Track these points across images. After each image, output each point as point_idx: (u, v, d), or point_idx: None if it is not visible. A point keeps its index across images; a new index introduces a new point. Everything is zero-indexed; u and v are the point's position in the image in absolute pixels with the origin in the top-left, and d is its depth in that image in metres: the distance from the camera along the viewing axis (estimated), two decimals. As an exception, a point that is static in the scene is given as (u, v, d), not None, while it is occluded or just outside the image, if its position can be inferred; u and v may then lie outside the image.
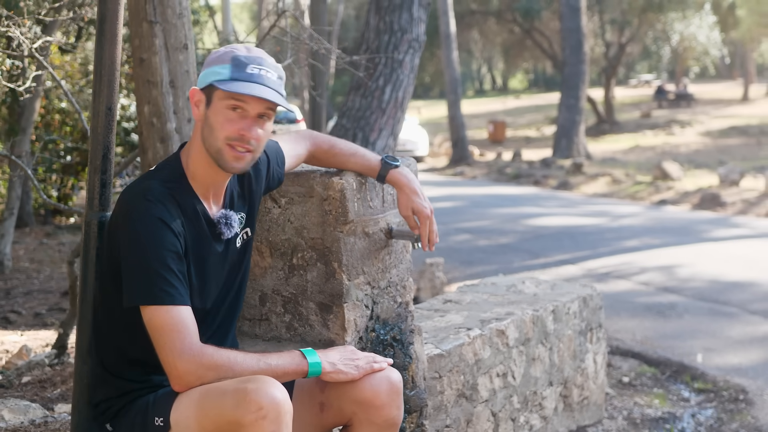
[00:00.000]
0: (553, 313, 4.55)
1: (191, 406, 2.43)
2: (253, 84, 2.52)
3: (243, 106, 2.53)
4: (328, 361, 2.57)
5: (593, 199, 18.35)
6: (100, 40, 2.95)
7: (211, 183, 2.65)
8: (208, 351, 2.42)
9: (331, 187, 3.08)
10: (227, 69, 2.54)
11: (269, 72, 2.57)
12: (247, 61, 2.55)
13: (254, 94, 2.50)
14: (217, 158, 2.57)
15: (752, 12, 36.78)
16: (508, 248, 11.97)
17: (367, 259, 3.21)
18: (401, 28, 8.67)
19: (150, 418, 2.52)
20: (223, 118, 2.54)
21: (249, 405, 2.31)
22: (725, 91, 49.54)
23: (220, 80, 2.53)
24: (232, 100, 2.53)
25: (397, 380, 2.70)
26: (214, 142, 2.56)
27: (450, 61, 26.84)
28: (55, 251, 11.06)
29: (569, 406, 4.76)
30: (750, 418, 5.35)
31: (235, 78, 2.52)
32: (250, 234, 2.83)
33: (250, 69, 2.54)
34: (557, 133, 27.25)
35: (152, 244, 2.47)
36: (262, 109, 2.55)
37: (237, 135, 2.54)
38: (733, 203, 15.99)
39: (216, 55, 2.60)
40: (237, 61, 2.54)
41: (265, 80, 2.54)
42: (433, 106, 51.18)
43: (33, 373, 5.11)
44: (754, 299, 8.45)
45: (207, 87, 2.58)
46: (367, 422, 2.67)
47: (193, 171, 2.64)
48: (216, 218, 2.66)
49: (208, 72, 2.58)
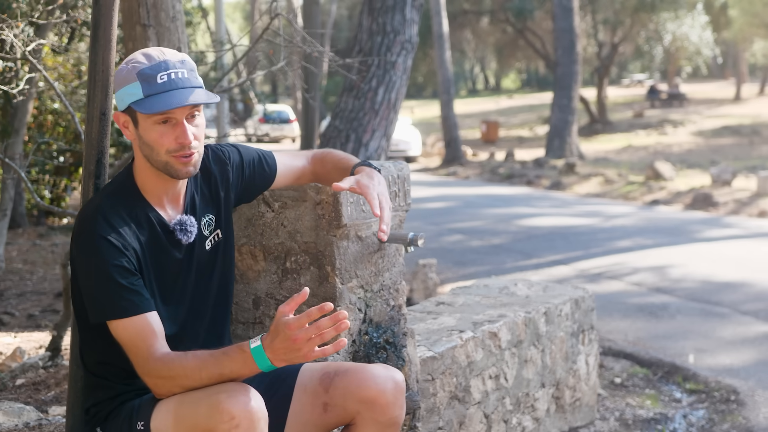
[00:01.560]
0: (545, 315, 4.57)
1: (169, 413, 2.46)
2: (168, 93, 2.48)
3: (168, 116, 2.51)
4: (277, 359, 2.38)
5: (586, 199, 18.39)
6: (95, 45, 2.96)
7: (163, 191, 2.64)
8: (165, 361, 2.44)
9: (324, 191, 3.09)
10: (138, 88, 2.50)
11: (178, 71, 2.52)
12: (153, 72, 2.49)
13: (175, 107, 2.47)
14: (167, 171, 2.56)
15: (744, 12, 36.87)
16: (501, 249, 11.99)
17: (360, 262, 3.22)
18: (394, 29, 8.69)
19: (134, 422, 2.54)
20: (157, 135, 2.52)
21: (222, 414, 2.33)
22: (717, 90, 49.66)
23: (136, 101, 2.50)
24: (158, 115, 2.50)
25: (401, 380, 2.73)
26: (157, 158, 2.54)
27: (443, 61, 26.87)
28: (48, 252, 11.05)
29: (561, 408, 4.79)
30: (741, 418, 5.37)
31: (149, 94, 2.49)
32: (221, 236, 2.80)
33: (159, 79, 2.49)
34: (550, 133, 27.31)
35: (98, 264, 2.48)
36: (189, 110, 2.53)
37: (176, 146, 2.52)
38: (725, 203, 16.04)
39: (122, 76, 2.55)
40: (143, 75, 2.49)
41: (177, 83, 2.50)
42: (426, 106, 51.24)
43: (27, 375, 5.12)
44: (746, 300, 8.48)
45: (128, 110, 2.55)
46: (371, 421, 2.68)
47: (142, 183, 2.63)
48: (171, 225, 2.65)
49: (122, 94, 2.54)
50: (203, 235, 2.74)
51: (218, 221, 2.80)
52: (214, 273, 2.79)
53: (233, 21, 61.82)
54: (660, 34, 35.98)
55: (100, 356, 2.65)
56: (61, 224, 13.62)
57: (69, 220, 13.88)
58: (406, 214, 3.49)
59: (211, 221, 2.77)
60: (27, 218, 13.47)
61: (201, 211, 2.74)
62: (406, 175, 3.43)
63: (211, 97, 2.52)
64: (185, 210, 2.70)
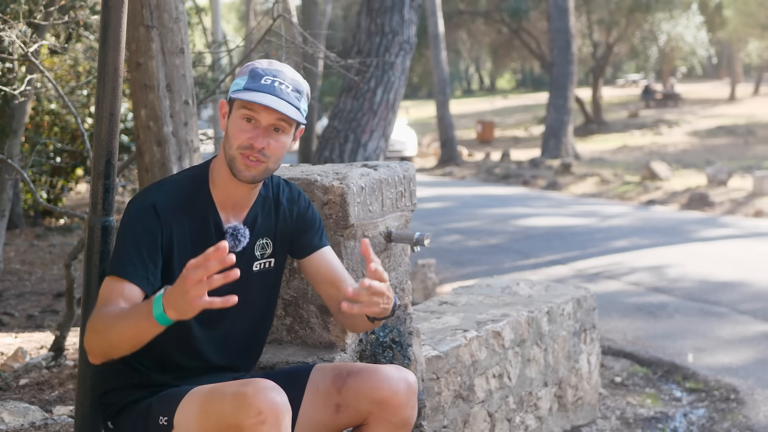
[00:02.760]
0: (547, 315, 4.60)
1: (194, 407, 2.47)
2: (263, 94, 2.55)
3: (254, 116, 2.57)
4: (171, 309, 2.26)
5: (582, 199, 18.42)
6: (104, 46, 2.98)
7: (230, 194, 2.68)
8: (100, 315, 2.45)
9: (331, 191, 3.11)
10: (244, 80, 2.60)
11: (283, 83, 2.59)
12: (264, 73, 2.60)
13: (260, 102, 2.53)
14: (231, 167, 2.60)
15: (739, 12, 36.94)
16: (499, 249, 12.01)
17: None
18: (392, 30, 8.72)
19: (153, 417, 2.55)
20: (237, 128, 2.58)
21: (249, 409, 2.34)
22: (712, 90, 49.73)
23: (236, 90, 2.59)
24: (245, 109, 2.57)
25: (413, 381, 2.74)
26: (229, 150, 2.60)
27: (438, 61, 26.88)
28: (45, 253, 11.05)
29: (564, 407, 4.81)
30: (741, 417, 5.40)
31: (249, 88, 2.57)
32: (272, 265, 2.80)
33: (264, 80, 2.58)
34: (546, 134, 27.32)
35: (134, 226, 2.56)
36: (273, 120, 2.57)
37: (247, 143, 2.56)
38: (721, 203, 16.08)
39: (240, 69, 2.68)
40: (254, 72, 2.60)
41: (277, 91, 2.57)
42: (421, 107, 51.24)
43: (30, 375, 5.13)
44: (744, 299, 8.51)
45: (229, 99, 2.65)
46: (383, 422, 2.70)
47: (214, 177, 2.68)
48: (225, 227, 2.68)
49: (232, 85, 2.65)
50: (254, 255, 2.74)
51: (274, 251, 2.80)
52: (255, 298, 2.78)
53: (228, 22, 61.78)
54: (655, 34, 36.03)
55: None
56: (58, 225, 13.62)
57: (66, 220, 13.89)
58: (412, 214, 3.51)
59: (267, 246, 2.78)
60: (24, 219, 13.47)
61: (259, 232, 2.75)
62: (412, 175, 3.45)
63: (298, 116, 2.58)
64: (245, 222, 2.72)
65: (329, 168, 3.30)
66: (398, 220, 3.40)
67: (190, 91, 4.56)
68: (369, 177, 3.23)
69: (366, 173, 3.23)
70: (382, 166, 3.35)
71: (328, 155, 8.66)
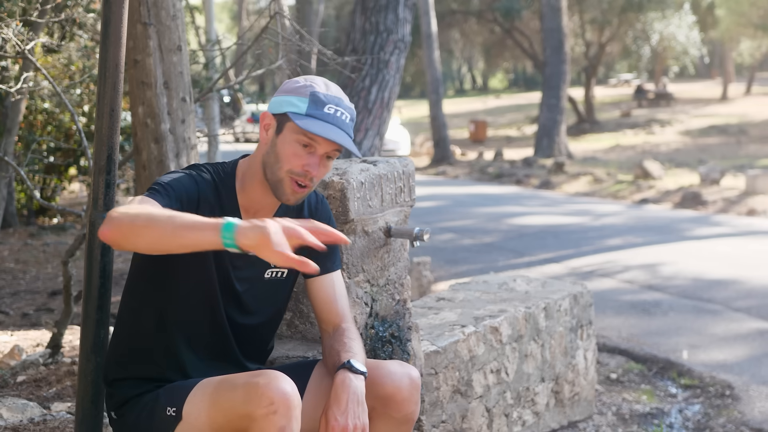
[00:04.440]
0: (544, 311, 4.62)
1: (204, 398, 2.48)
2: (327, 125, 2.54)
3: (313, 144, 2.56)
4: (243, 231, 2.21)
5: (575, 198, 18.46)
6: (105, 42, 2.99)
7: (257, 202, 2.69)
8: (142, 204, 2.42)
9: (331, 186, 3.12)
10: (305, 103, 2.57)
11: (344, 114, 2.59)
12: (326, 101, 2.57)
13: (328, 138, 2.52)
14: (275, 187, 2.60)
15: (731, 12, 37.03)
16: (493, 247, 12.03)
17: (366, 257, 3.26)
18: (387, 28, 8.72)
19: (160, 409, 2.55)
20: (291, 151, 2.57)
21: (260, 399, 2.35)
22: (704, 90, 49.83)
23: (296, 113, 2.56)
24: (304, 136, 2.56)
25: (416, 377, 2.75)
26: (276, 171, 2.59)
27: (431, 60, 26.89)
28: (39, 252, 11.04)
29: (561, 402, 4.83)
30: (737, 413, 5.43)
31: (311, 115, 2.55)
32: (284, 276, 2.81)
33: (327, 108, 2.56)
34: (538, 133, 27.38)
35: (175, 179, 2.57)
36: (330, 150, 2.58)
37: (302, 171, 2.56)
38: (714, 202, 16.13)
39: (295, 86, 2.62)
40: (315, 97, 2.57)
41: (339, 122, 2.57)
42: (414, 106, 51.27)
43: (28, 372, 5.13)
44: (737, 297, 8.54)
45: (280, 115, 2.61)
46: (386, 417, 2.71)
47: (243, 183, 2.68)
48: None
49: (283, 100, 2.60)
50: (267, 263, 2.71)
51: None
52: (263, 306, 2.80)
53: (220, 21, 61.70)
54: (647, 33, 36.09)
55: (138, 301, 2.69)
56: (51, 224, 13.61)
57: (60, 219, 13.88)
58: (411, 209, 3.52)
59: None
60: (18, 218, 13.45)
61: None
62: (411, 170, 3.47)
63: (354, 149, 2.59)
64: None
65: (329, 163, 3.31)
66: (397, 216, 3.41)
67: (187, 88, 4.57)
68: (369, 172, 3.24)
69: (366, 169, 3.25)
70: (381, 161, 3.37)
71: (323, 153, 8.67)
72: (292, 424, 2.36)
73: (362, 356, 2.71)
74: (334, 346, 2.73)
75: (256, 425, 2.35)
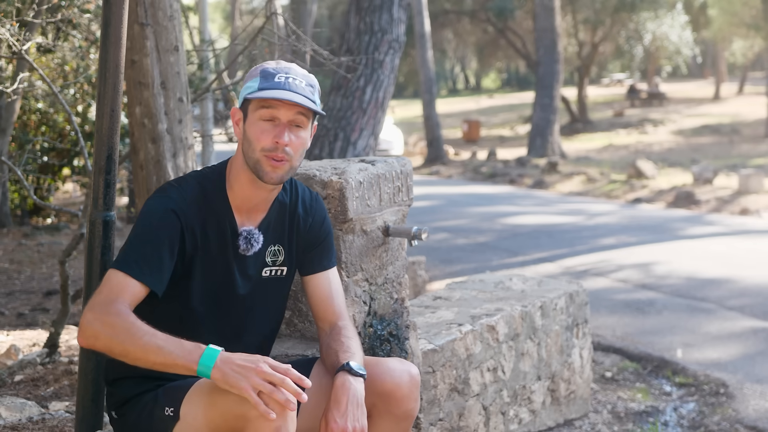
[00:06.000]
0: (541, 309, 4.64)
1: (200, 399, 2.49)
2: (280, 90, 2.59)
3: (274, 113, 2.60)
4: (220, 370, 2.34)
5: (569, 197, 18.49)
6: (105, 43, 3.00)
7: (248, 198, 2.71)
8: (118, 312, 2.42)
9: (330, 185, 3.14)
10: (256, 82, 2.64)
11: (296, 79, 2.64)
12: (276, 71, 2.64)
13: (279, 97, 2.57)
14: (256, 170, 2.63)
15: (724, 11, 37.06)
16: (487, 247, 12.06)
17: (365, 256, 3.27)
18: (381, 28, 8.74)
19: (159, 409, 2.57)
20: (258, 130, 2.61)
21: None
22: (697, 90, 49.87)
23: (251, 93, 2.62)
24: (263, 109, 2.60)
25: (416, 374, 2.77)
26: (252, 154, 2.63)
27: (425, 60, 26.89)
28: (34, 252, 11.03)
29: (557, 400, 4.85)
30: (731, 411, 5.46)
31: (263, 87, 2.61)
32: (283, 274, 2.83)
33: (277, 78, 2.62)
34: (532, 132, 27.39)
35: (153, 224, 2.57)
36: (293, 115, 2.61)
37: (272, 145, 2.60)
38: (707, 201, 16.18)
39: (249, 73, 2.71)
40: (265, 72, 2.64)
41: (292, 86, 2.61)
42: (407, 106, 51.24)
43: (25, 371, 5.14)
44: (731, 296, 8.57)
45: (242, 103, 2.68)
46: (386, 414, 2.73)
47: (232, 182, 2.71)
48: (240, 230, 2.72)
49: (242, 90, 2.67)
50: (265, 261, 2.77)
51: (286, 258, 2.83)
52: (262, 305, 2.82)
53: (213, 21, 61.67)
54: (640, 33, 36.13)
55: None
56: (45, 224, 13.60)
57: (53, 219, 13.87)
58: (409, 208, 3.54)
59: (279, 253, 2.81)
60: (11, 218, 13.44)
61: (273, 238, 2.78)
62: (409, 170, 3.49)
63: (316, 107, 2.62)
64: (259, 227, 2.75)
65: (327, 163, 3.33)
66: (396, 215, 3.43)
67: (184, 88, 4.58)
68: (367, 172, 3.26)
69: (364, 168, 3.27)
70: (379, 161, 3.39)
71: (318, 153, 8.68)
72: (287, 424, 2.37)
73: (360, 356, 2.74)
74: (332, 345, 2.76)
75: (252, 426, 2.36)
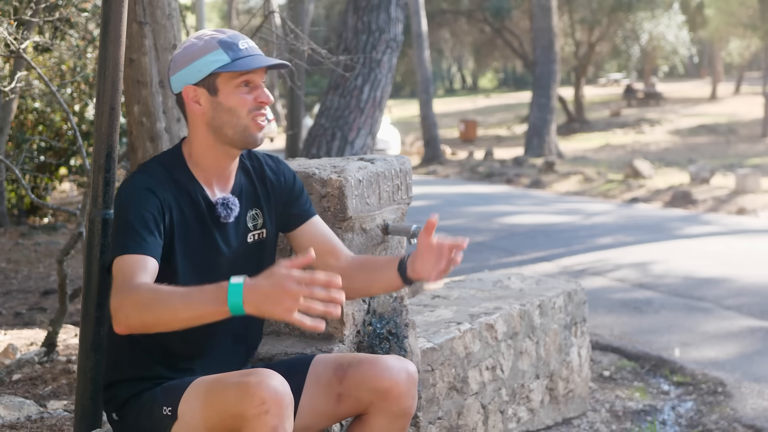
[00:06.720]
0: (539, 308, 4.64)
1: (198, 397, 2.48)
2: (252, 57, 2.62)
3: (251, 78, 2.62)
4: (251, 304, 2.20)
5: (566, 197, 18.51)
6: (104, 41, 3.00)
7: (214, 170, 2.70)
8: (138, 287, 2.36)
9: (329, 184, 3.14)
10: (222, 54, 2.60)
11: (249, 43, 2.68)
12: (234, 40, 2.63)
13: (263, 65, 2.61)
14: (242, 137, 2.63)
15: (720, 11, 37.11)
16: (484, 246, 12.06)
17: (364, 254, 3.27)
18: (379, 28, 8.75)
19: (158, 408, 2.56)
20: (239, 98, 2.61)
21: (252, 399, 2.34)
22: (694, 89, 49.94)
23: (223, 66, 2.59)
24: (242, 77, 2.61)
25: (414, 371, 2.77)
26: (238, 122, 2.62)
27: (422, 60, 26.89)
28: (31, 251, 11.02)
29: (555, 399, 4.86)
30: (729, 409, 5.47)
31: (237, 58, 2.60)
32: (265, 236, 2.81)
33: (241, 45, 2.63)
34: (529, 132, 27.41)
35: (134, 206, 2.53)
36: (262, 76, 2.68)
37: (256, 104, 2.63)
38: (704, 201, 16.19)
39: (195, 50, 2.61)
40: (225, 44, 2.61)
41: (255, 51, 2.67)
42: (404, 105, 51.25)
43: (23, 370, 5.13)
44: (728, 295, 8.58)
45: (205, 79, 2.61)
46: (384, 411, 2.73)
47: (194, 159, 2.68)
48: (215, 200, 2.68)
49: (200, 63, 2.60)
50: (247, 226, 2.75)
51: (265, 221, 2.80)
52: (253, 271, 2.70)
53: (210, 20, 61.65)
54: (637, 33, 36.18)
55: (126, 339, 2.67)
56: (42, 224, 13.59)
57: (50, 219, 13.86)
58: (408, 207, 3.54)
59: (258, 216, 2.78)
60: (8, 218, 13.43)
61: (248, 203, 2.76)
62: (408, 168, 3.49)
63: (277, 60, 2.67)
64: (232, 193, 2.73)
65: (326, 161, 3.33)
66: (395, 213, 3.43)
67: (183, 87, 4.58)
68: (366, 170, 3.26)
69: (363, 166, 3.27)
70: (378, 159, 3.39)
71: (315, 152, 8.69)
72: (284, 423, 2.37)
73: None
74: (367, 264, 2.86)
75: (249, 425, 2.36)
